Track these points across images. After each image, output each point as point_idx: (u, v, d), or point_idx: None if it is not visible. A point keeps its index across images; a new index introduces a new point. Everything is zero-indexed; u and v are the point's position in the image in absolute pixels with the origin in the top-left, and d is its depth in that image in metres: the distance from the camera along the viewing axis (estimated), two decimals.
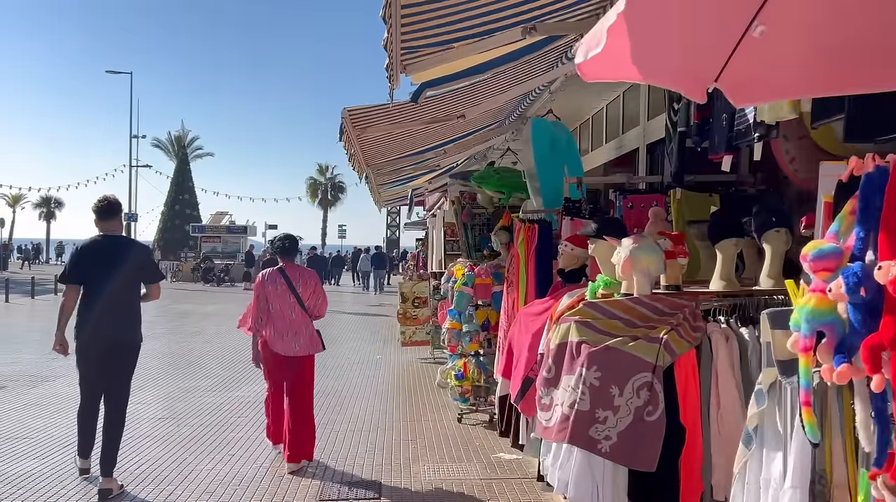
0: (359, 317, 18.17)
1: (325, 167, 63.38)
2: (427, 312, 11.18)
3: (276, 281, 5.62)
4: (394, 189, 12.94)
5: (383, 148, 6.89)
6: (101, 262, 5.00)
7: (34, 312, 18.60)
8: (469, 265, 7.01)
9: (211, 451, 6.13)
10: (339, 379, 9.54)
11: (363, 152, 6.62)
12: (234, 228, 36.72)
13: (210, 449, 6.18)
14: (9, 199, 63.66)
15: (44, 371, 9.75)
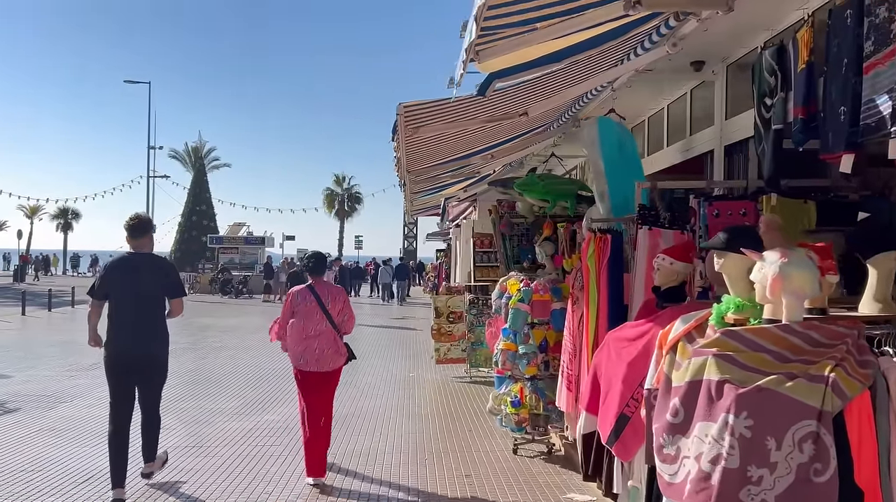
0: (384, 330, 17.57)
1: (341, 178, 63.17)
2: (462, 328, 10.56)
3: (306, 298, 5.70)
4: (426, 198, 12.36)
5: (430, 150, 6.32)
6: (126, 279, 5.17)
7: (51, 325, 18.16)
8: (524, 279, 6.38)
9: (245, 487, 5.53)
10: (372, 399, 8.92)
11: (408, 155, 6.05)
12: (252, 239, 36.30)
13: (244, 485, 5.58)
14: (27, 211, 63.85)
15: (60, 390, 9.22)
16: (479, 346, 10.37)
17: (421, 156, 6.35)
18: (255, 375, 10.63)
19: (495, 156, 7.71)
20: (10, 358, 12.19)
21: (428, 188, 10.60)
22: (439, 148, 6.30)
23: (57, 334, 16.02)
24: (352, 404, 8.59)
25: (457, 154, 6.90)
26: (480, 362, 10.37)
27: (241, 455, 6.42)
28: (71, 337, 15.29)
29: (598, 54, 4.79)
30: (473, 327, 10.45)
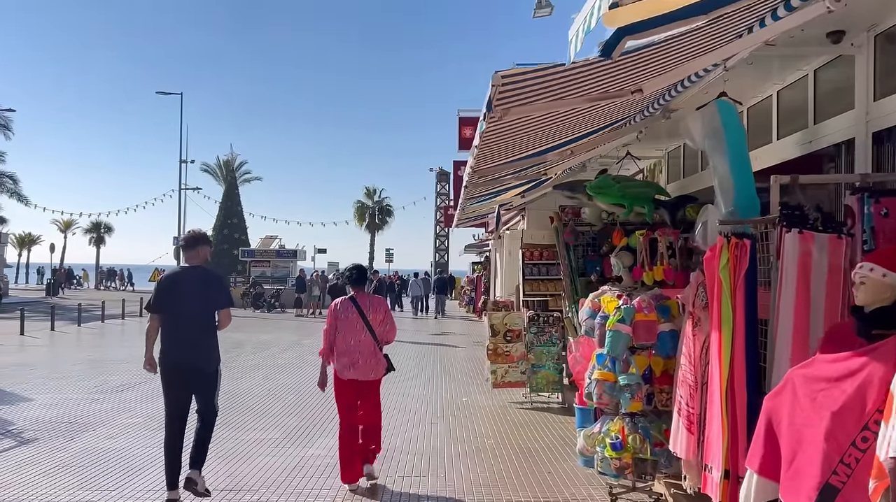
0: (425, 348, 16.59)
1: (372, 190, 62.53)
2: (521, 348, 9.53)
3: (347, 309, 5.81)
4: (477, 205, 11.40)
5: (507, 143, 5.35)
6: (179, 292, 5.33)
7: (79, 342, 17.49)
8: (622, 295, 5.36)
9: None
10: (424, 429, 7.94)
11: (484, 148, 5.09)
12: (284, 252, 35.62)
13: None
14: (60, 225, 64.27)
15: (83, 416, 8.38)
16: (541, 368, 9.36)
17: (496, 151, 5.40)
18: (294, 399, 9.71)
19: (575, 151, 6.71)
20: (35, 377, 11.43)
21: (482, 194, 9.63)
22: (517, 140, 5.34)
23: (85, 351, 15.31)
24: (401, 435, 7.62)
25: (533, 148, 5.92)
26: (542, 386, 9.34)
27: (287, 500, 5.47)
28: (99, 354, 14.57)
29: (735, 13, 3.79)
30: (533, 347, 9.44)
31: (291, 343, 16.97)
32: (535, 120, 4.75)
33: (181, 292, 5.34)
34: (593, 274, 9.39)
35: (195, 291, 5.33)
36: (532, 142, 5.63)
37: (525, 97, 3.76)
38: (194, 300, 5.32)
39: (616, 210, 8.73)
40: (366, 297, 5.90)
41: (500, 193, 10.07)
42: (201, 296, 5.35)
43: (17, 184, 41.82)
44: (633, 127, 7.01)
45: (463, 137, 16.52)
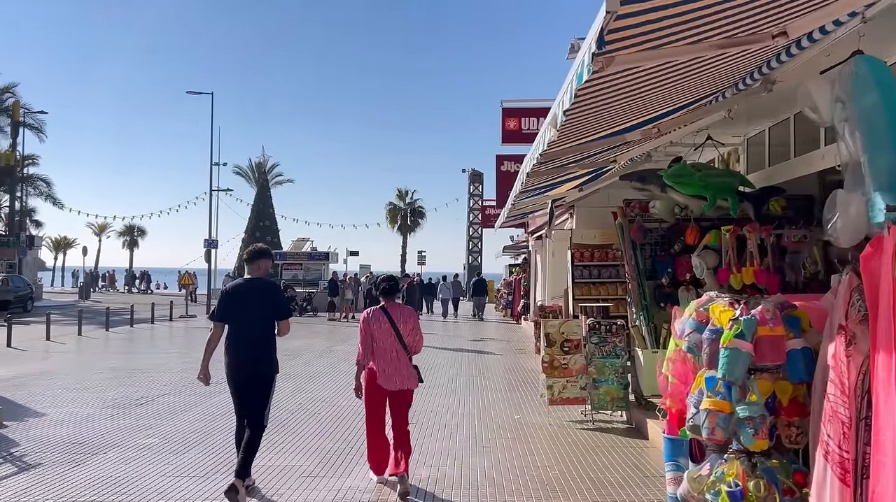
0: (465, 355, 15.58)
1: (404, 192, 61.75)
2: (580, 360, 8.48)
3: (379, 319, 5.89)
4: (528, 201, 10.38)
5: (599, 113, 4.33)
6: (241, 303, 5.64)
7: (105, 348, 16.83)
8: (738, 303, 4.30)
9: None
10: (479, 454, 6.95)
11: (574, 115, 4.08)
12: (316, 255, 34.89)
13: None
14: (95, 228, 64.71)
15: (95, 435, 7.55)
16: (603, 383, 8.31)
17: (579, 125, 4.39)
18: (327, 416, 8.79)
19: (661, 129, 5.66)
20: (52, 388, 10.70)
21: (537, 186, 8.61)
22: (604, 113, 4.32)
23: (109, 358, 14.61)
24: (451, 462, 6.66)
25: (620, 124, 4.88)
26: (605, 403, 8.29)
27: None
28: (123, 361, 13.83)
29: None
30: (594, 359, 8.39)
31: (324, 349, 16.11)
32: (634, 80, 3.73)
33: (243, 303, 5.66)
34: (664, 276, 8.31)
35: (256, 302, 5.65)
36: (619, 116, 4.61)
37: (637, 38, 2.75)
38: (255, 310, 5.64)
39: (692, 203, 7.65)
40: (397, 308, 6.01)
41: (554, 186, 9.03)
42: (262, 307, 5.66)
43: (50, 187, 41.93)
44: (720, 104, 5.94)
45: (507, 129, 15.54)
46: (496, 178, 16.72)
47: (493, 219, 21.84)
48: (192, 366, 13.10)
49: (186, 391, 10.46)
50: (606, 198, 12.86)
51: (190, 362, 13.79)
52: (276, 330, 5.74)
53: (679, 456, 5.03)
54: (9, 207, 37.93)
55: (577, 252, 12.99)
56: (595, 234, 13.03)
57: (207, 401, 9.64)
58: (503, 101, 15.67)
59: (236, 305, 5.67)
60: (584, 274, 12.97)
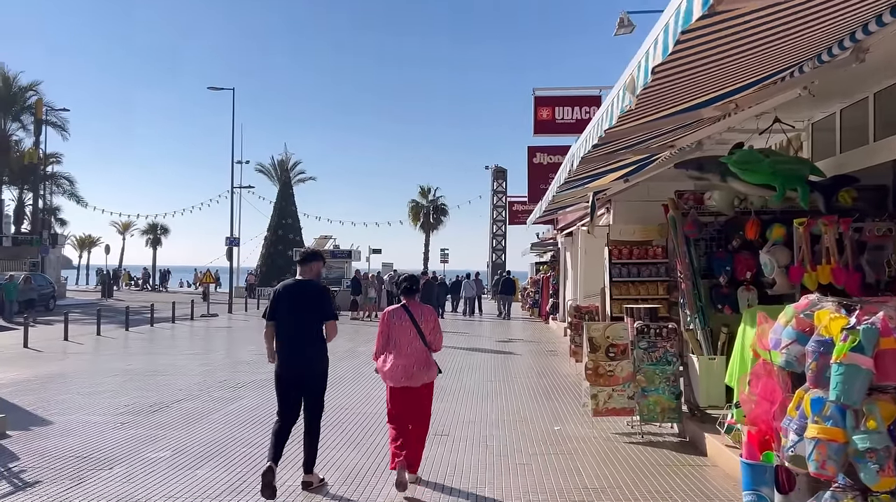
0: (493, 357, 14.89)
1: (427, 189, 61.24)
2: (628, 367, 7.76)
3: (401, 317, 5.98)
4: (569, 192, 9.65)
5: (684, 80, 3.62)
6: (292, 304, 5.79)
7: (124, 348, 16.36)
8: (851, 310, 3.56)
9: None
10: (521, 473, 6.25)
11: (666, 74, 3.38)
12: (339, 253, 34.40)
13: None
14: (119, 227, 64.92)
15: (102, 447, 6.98)
16: (653, 392, 7.58)
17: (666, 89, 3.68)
18: (352, 424, 8.16)
19: (740, 104, 4.92)
20: (64, 392, 10.20)
21: (581, 175, 7.89)
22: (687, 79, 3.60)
23: (126, 360, 14.11)
24: (491, 480, 5.96)
25: (700, 95, 4.16)
26: (655, 414, 7.55)
27: None
28: (140, 363, 13.32)
29: None
30: (642, 366, 7.66)
31: (346, 352, 15.50)
32: (725, 39, 3.01)
33: (293, 303, 5.79)
34: (721, 275, 7.56)
35: (305, 303, 5.79)
36: (698, 86, 3.89)
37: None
38: (304, 311, 5.77)
39: (755, 193, 6.90)
40: (418, 306, 6.10)
41: (598, 176, 8.30)
42: (310, 308, 5.80)
43: (73, 185, 41.92)
44: (796, 81, 5.17)
45: (539, 119, 14.78)
46: (528, 171, 15.93)
47: (520, 216, 21.13)
48: (209, 368, 12.57)
49: (203, 396, 9.89)
50: (646, 192, 12.10)
51: (208, 364, 13.27)
52: (324, 331, 5.88)
53: (762, 486, 4.32)
54: (32, 206, 37.88)
55: (614, 249, 12.23)
56: (634, 230, 12.26)
57: (225, 408, 9.06)
58: (535, 89, 14.87)
59: (286, 305, 5.81)
60: (622, 272, 12.20)
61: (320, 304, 5.87)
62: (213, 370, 12.56)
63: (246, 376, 11.78)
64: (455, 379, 11.66)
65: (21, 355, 14.64)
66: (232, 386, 10.74)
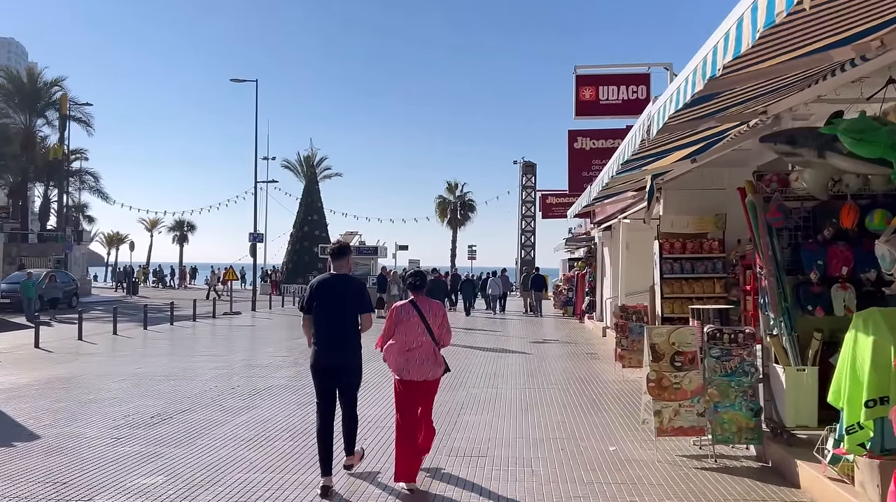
0: (529, 360, 13.78)
1: (454, 185, 60.24)
2: (697, 379, 6.62)
3: (409, 312, 5.97)
4: (620, 177, 8.50)
5: None
6: (328, 297, 5.89)
7: (137, 349, 15.54)
8: None
9: None
10: None
11: None
12: (365, 249, 33.49)
13: None
14: (147, 224, 64.88)
15: (89, 469, 6.03)
16: (728, 409, 6.44)
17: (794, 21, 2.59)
18: (375, 443, 7.13)
19: (885, 42, 3.76)
20: (61, 399, 9.33)
21: (642, 154, 6.74)
22: None
23: (137, 361, 13.26)
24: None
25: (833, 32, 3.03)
26: (731, 435, 6.41)
27: None
28: (149, 366, 12.42)
29: None
30: (714, 377, 6.52)
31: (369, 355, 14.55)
32: None
33: (329, 296, 5.87)
34: (812, 270, 6.38)
35: (341, 296, 5.88)
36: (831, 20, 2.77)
37: None
38: (340, 304, 5.86)
39: (864, 170, 5.71)
40: (425, 301, 6.09)
41: (661, 156, 7.15)
42: (346, 301, 5.87)
43: (98, 181, 41.59)
44: None
45: (582, 100, 13.53)
46: (568, 158, 14.64)
47: (554, 209, 19.96)
48: (224, 372, 11.65)
49: (212, 406, 8.94)
50: (700, 179, 10.89)
51: (223, 367, 12.36)
52: (359, 323, 5.94)
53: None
54: (57, 202, 37.57)
55: (665, 242, 11.06)
56: (688, 222, 11.07)
57: (234, 420, 8.10)
58: (577, 67, 13.56)
59: (323, 299, 5.88)
60: (673, 268, 11.03)
61: (357, 298, 5.97)
62: (228, 374, 11.64)
63: (262, 381, 10.83)
64: (488, 386, 10.59)
65: (30, 356, 13.88)
66: (245, 394, 9.79)
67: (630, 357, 11.13)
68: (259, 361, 13.30)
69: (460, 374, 11.62)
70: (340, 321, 5.84)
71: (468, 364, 12.90)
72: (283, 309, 29.88)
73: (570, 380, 11.09)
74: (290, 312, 27.57)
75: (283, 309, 29.86)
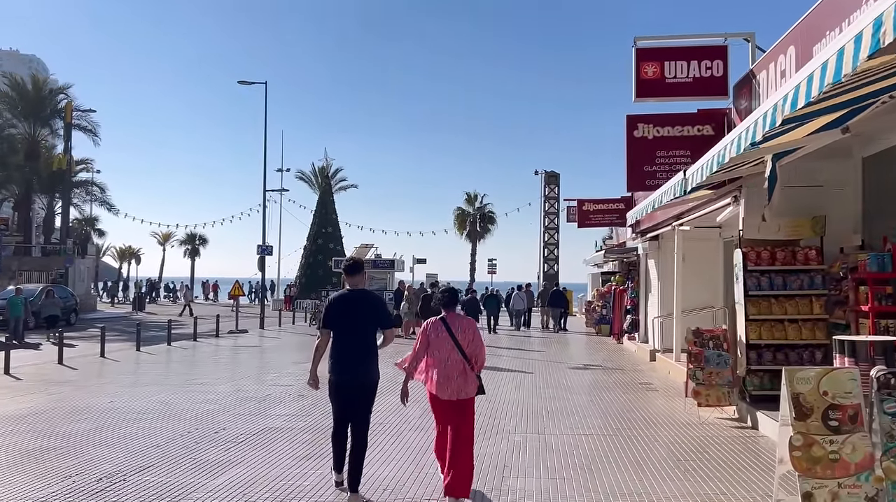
0: (579, 395, 11.69)
1: (473, 196, 58.12)
2: (862, 446, 4.51)
3: (438, 329, 5.89)
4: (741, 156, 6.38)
5: None
6: (347, 312, 5.84)
7: (124, 375, 13.61)
8: None
9: None
10: None
11: None
12: (381, 262, 31.52)
13: None
14: (159, 237, 63.51)
15: None
16: None
17: None
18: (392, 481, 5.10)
19: None
20: (3, 449, 7.39)
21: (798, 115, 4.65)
22: None
23: (115, 392, 11.33)
24: None
25: None
26: None
27: None
28: (130, 398, 10.43)
29: None
30: (888, 444, 4.42)
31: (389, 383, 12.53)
32: None
33: (349, 312, 5.81)
34: None
35: (361, 312, 5.83)
36: None
37: None
38: (360, 320, 5.81)
39: None
40: (455, 318, 5.96)
41: (804, 120, 5.08)
42: (366, 317, 5.84)
43: (104, 192, 40.07)
44: None
45: (643, 78, 11.36)
46: (626, 148, 12.28)
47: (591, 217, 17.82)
48: (211, 407, 9.62)
49: (183, 460, 6.96)
50: (791, 174, 8.77)
51: (212, 400, 10.33)
52: (379, 339, 5.90)
53: None
54: (61, 214, 36.03)
55: (751, 251, 8.97)
56: (779, 225, 8.98)
57: (207, 484, 6.13)
58: (637, 39, 11.36)
59: (342, 315, 5.84)
60: (760, 283, 8.91)
61: (378, 313, 5.94)
62: (215, 411, 9.65)
63: (255, 421, 8.84)
64: (533, 429, 8.51)
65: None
66: (230, 440, 7.82)
67: (707, 393, 9.02)
68: (256, 392, 11.31)
69: (497, 411, 9.56)
70: (359, 338, 5.81)
71: (504, 397, 10.84)
72: (294, 326, 27.95)
73: (634, 423, 8.96)
74: (302, 330, 25.64)
75: (293, 326, 27.93)
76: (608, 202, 18.11)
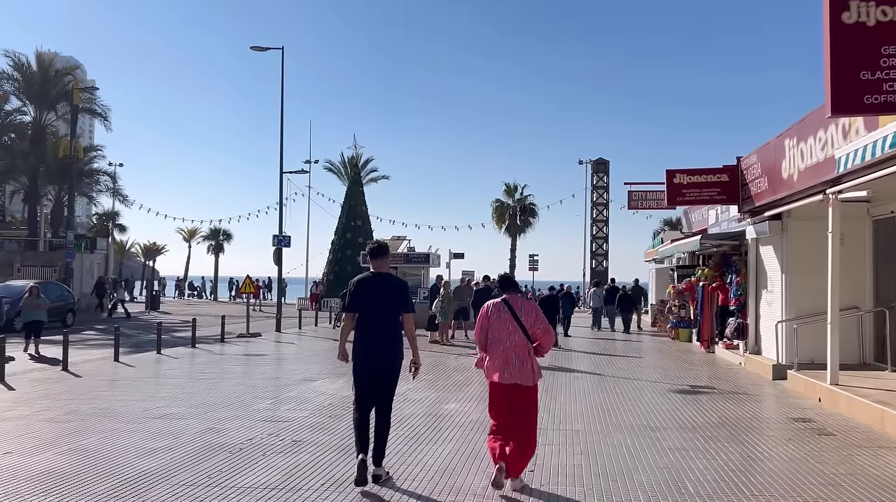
0: (700, 435, 7.86)
1: (513, 187, 54.11)
2: None
3: (500, 310, 5.88)
4: None
5: None
6: (370, 296, 5.90)
7: (83, 397, 10.09)
8: None
9: None
10: None
11: None
12: (415, 256, 27.84)
13: None
14: (185, 234, 60.88)
15: None
16: None
17: None
18: None
19: None
20: None
21: None
22: None
23: (29, 427, 7.79)
24: None
25: None
26: None
27: None
28: (38, 447, 6.77)
29: None
30: None
31: (426, 408, 8.80)
32: None
33: (372, 296, 5.88)
34: None
35: (384, 295, 5.90)
36: None
37: None
38: (383, 303, 5.88)
39: None
40: (517, 299, 5.94)
41: None
42: (389, 301, 5.92)
43: (115, 182, 37.22)
44: None
45: None
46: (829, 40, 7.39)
47: (683, 192, 13.90)
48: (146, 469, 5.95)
49: None
50: None
51: (156, 451, 6.51)
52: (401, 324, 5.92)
53: None
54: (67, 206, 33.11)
55: None
56: None
57: None
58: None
59: (366, 298, 5.85)
60: None
61: (400, 298, 5.95)
62: (152, 474, 6.03)
63: (217, 496, 5.19)
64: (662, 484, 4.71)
65: None
66: None
67: None
68: (235, 434, 7.67)
69: (612, 463, 5.74)
70: (383, 320, 5.84)
71: (614, 442, 7.04)
72: (316, 328, 24.43)
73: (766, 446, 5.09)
74: (324, 333, 22.12)
75: (315, 328, 24.41)
76: (707, 173, 14.14)
